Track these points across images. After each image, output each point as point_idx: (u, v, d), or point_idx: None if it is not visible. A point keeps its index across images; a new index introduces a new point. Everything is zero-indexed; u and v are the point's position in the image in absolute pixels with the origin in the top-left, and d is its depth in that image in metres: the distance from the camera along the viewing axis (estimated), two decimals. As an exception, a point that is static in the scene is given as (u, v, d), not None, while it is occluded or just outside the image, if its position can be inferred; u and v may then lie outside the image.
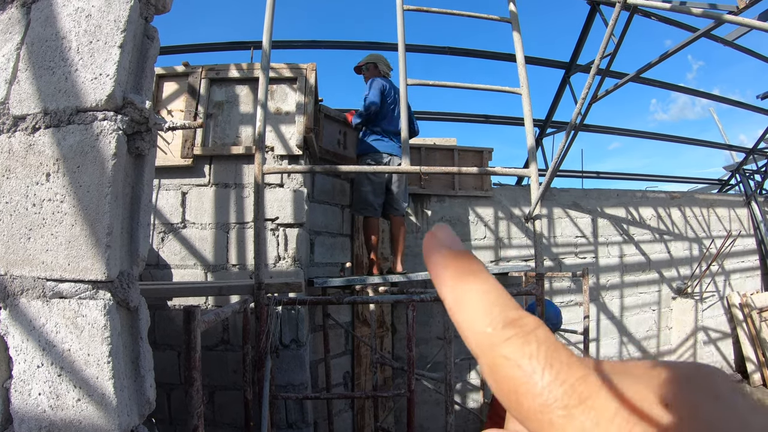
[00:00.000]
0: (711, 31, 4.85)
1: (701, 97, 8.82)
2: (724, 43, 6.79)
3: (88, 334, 1.39)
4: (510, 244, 6.72)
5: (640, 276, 7.72)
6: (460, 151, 6.44)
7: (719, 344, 8.61)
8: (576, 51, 6.85)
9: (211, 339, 3.85)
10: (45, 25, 1.54)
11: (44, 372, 1.41)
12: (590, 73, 2.94)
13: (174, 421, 3.91)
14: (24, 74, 1.53)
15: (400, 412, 5.83)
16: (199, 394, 1.92)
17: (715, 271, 8.57)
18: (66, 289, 1.42)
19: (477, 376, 6.38)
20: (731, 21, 2.65)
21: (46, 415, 1.40)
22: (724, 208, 9.09)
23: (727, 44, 6.82)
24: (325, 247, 4.92)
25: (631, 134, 8.87)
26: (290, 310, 3.90)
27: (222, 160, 4.09)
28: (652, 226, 7.96)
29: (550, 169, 3.35)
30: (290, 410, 3.90)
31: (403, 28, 3.44)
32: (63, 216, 1.43)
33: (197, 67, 4.18)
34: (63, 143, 1.46)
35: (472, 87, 3.74)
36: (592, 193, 7.50)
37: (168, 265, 4.01)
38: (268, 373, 3.05)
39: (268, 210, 3.98)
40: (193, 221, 4.05)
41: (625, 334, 7.46)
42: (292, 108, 4.15)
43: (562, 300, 6.92)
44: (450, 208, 6.42)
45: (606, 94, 5.20)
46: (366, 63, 5.07)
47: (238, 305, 2.81)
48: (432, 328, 6.14)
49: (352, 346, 5.20)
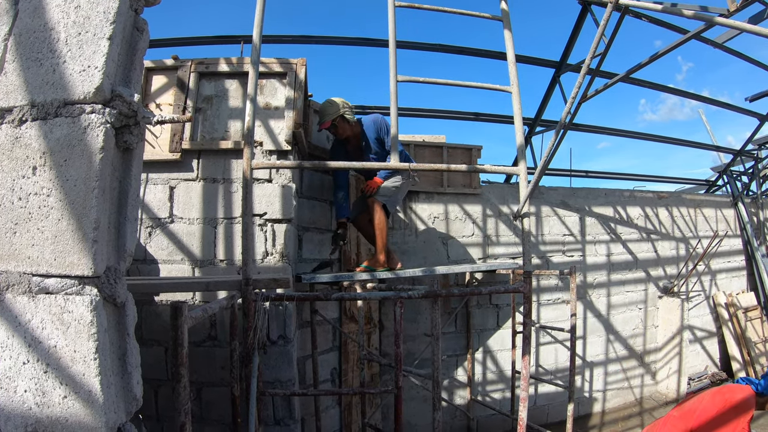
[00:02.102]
0: (701, 33, 4.89)
1: (690, 98, 8.90)
2: (714, 46, 6.85)
3: (74, 330, 1.38)
4: (498, 242, 6.74)
5: (627, 275, 7.78)
6: (450, 149, 6.44)
7: (705, 343, 8.72)
8: (566, 50, 6.87)
9: (198, 335, 3.83)
10: (33, 16, 1.52)
11: (30, 369, 1.39)
12: (581, 72, 2.94)
13: (161, 418, 3.88)
14: (11, 66, 1.51)
15: (387, 408, 5.84)
16: (187, 391, 1.91)
17: (702, 271, 8.66)
18: (52, 285, 1.41)
19: (464, 372, 6.41)
20: (722, 23, 2.67)
21: (32, 412, 1.38)
22: (711, 209, 9.19)
23: (717, 46, 6.88)
24: (313, 243, 4.90)
25: (620, 134, 8.92)
26: (278, 306, 3.88)
27: (210, 155, 4.06)
28: (639, 226, 8.02)
29: (539, 167, 3.36)
30: (277, 406, 3.89)
31: (394, 25, 3.43)
32: (49, 210, 1.41)
33: (186, 61, 4.14)
34: (50, 136, 1.44)
35: (462, 84, 3.74)
36: (581, 192, 7.54)
37: (155, 260, 3.98)
38: (255, 370, 3.04)
39: (257, 205, 3.96)
40: (180, 216, 4.02)
41: (612, 332, 7.51)
42: (282, 103, 4.12)
43: (549, 298, 6.97)
44: (438, 204, 6.42)
45: (596, 93, 5.23)
46: (332, 119, 4.47)
47: (225, 301, 2.80)
48: (419, 324, 6.15)
49: (340, 343, 5.19)
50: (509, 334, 6.49)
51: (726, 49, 7.06)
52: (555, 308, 7.00)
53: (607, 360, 7.44)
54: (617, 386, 7.56)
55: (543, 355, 6.93)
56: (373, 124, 4.62)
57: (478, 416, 6.44)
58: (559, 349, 6.93)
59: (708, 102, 9.09)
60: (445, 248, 6.41)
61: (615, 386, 7.54)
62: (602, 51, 5.64)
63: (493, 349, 6.60)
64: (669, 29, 6.30)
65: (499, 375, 6.62)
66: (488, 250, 6.66)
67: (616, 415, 7.27)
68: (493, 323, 6.60)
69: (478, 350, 6.52)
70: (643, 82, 7.70)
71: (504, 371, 6.60)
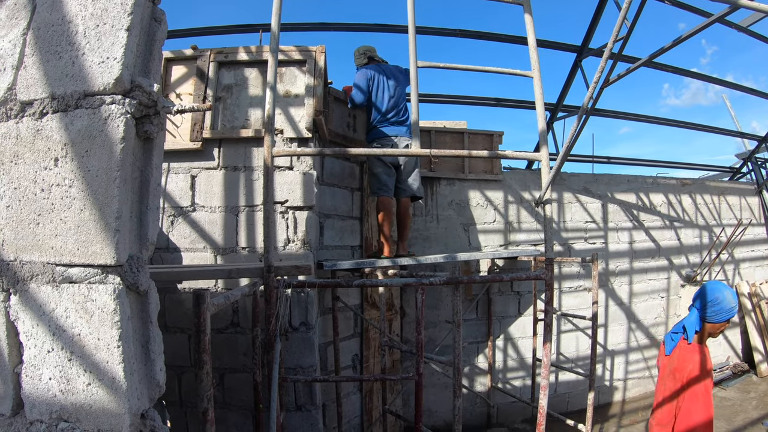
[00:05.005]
0: (725, 17, 4.75)
1: (714, 83, 8.69)
2: (739, 29, 6.67)
3: (98, 318, 1.40)
4: (519, 228, 6.69)
5: (649, 263, 7.67)
6: (471, 135, 6.39)
7: (727, 333, 8.56)
8: (588, 34, 6.75)
9: (221, 322, 3.88)
10: (51, 10, 1.53)
11: (55, 357, 1.42)
12: (603, 57, 2.89)
13: (184, 404, 3.95)
14: (31, 59, 1.52)
15: (408, 395, 5.87)
16: (209, 377, 1.94)
17: (725, 260, 8.50)
18: (75, 274, 1.43)
19: (485, 359, 6.40)
20: (747, 6, 2.59)
21: (56, 399, 1.41)
22: (735, 196, 8.99)
23: (742, 30, 6.70)
24: (334, 230, 4.92)
25: (642, 119, 8.76)
26: (300, 293, 3.91)
27: (231, 143, 4.08)
28: (662, 213, 7.88)
29: (561, 153, 3.32)
30: (299, 392, 3.93)
31: (413, 10, 3.40)
32: (71, 201, 1.43)
33: (206, 51, 4.15)
34: (71, 128, 1.45)
35: (482, 69, 3.69)
36: (603, 178, 7.43)
37: (177, 248, 4.03)
38: (277, 356, 3.06)
39: (278, 193, 3.98)
40: (202, 204, 4.05)
41: (633, 321, 7.43)
42: (302, 91, 4.12)
43: (570, 285, 6.91)
44: (460, 191, 6.38)
45: (618, 78, 5.12)
46: (356, 61, 5.22)
47: (247, 288, 2.82)
48: (441, 311, 6.16)
49: (361, 329, 5.22)
50: (530, 321, 6.47)
51: (751, 33, 6.88)
52: (576, 296, 6.94)
53: (628, 349, 7.37)
54: (638, 375, 7.48)
55: (564, 343, 6.89)
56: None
57: (499, 403, 6.44)
58: (581, 337, 6.88)
59: (732, 87, 8.84)
60: (467, 235, 6.38)
61: (636, 375, 7.46)
62: (624, 35, 5.52)
63: (514, 336, 6.58)
64: (692, 12, 6.15)
65: (519, 362, 6.60)
66: (510, 236, 6.62)
67: (636, 404, 7.20)
68: (514, 310, 6.58)
69: (499, 337, 6.51)
70: (666, 67, 7.53)
71: (525, 359, 6.59)
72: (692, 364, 2.64)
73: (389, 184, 4.83)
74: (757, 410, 6.71)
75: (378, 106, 4.79)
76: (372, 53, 5.14)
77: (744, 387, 7.70)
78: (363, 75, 4.83)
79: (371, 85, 4.80)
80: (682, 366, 2.68)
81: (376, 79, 4.83)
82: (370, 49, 5.16)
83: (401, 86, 4.96)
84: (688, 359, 2.67)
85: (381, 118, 4.80)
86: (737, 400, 7.17)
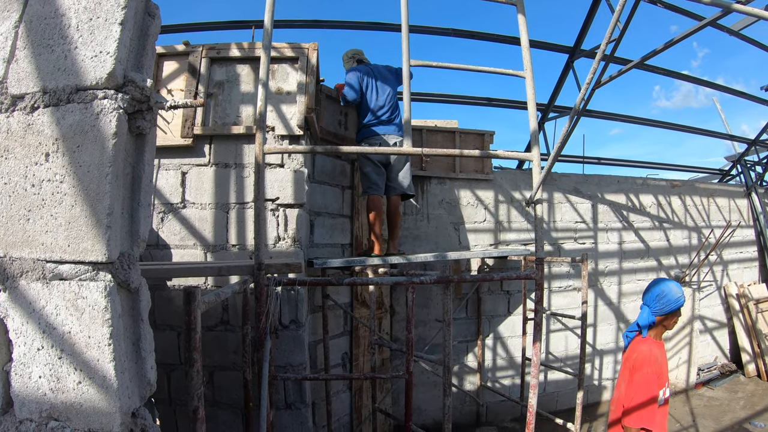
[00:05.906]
0: (717, 20, 4.79)
1: (705, 86, 8.75)
2: (730, 33, 6.73)
3: (88, 316, 1.38)
4: (509, 228, 6.71)
5: (638, 263, 7.73)
6: (462, 134, 6.40)
7: (715, 334, 8.66)
8: (580, 36, 6.78)
9: (211, 319, 3.86)
10: (44, 2, 1.51)
11: (44, 355, 1.40)
12: (595, 58, 2.89)
13: (174, 402, 3.93)
14: (22, 53, 1.50)
15: (398, 393, 5.88)
16: (200, 375, 1.92)
17: (714, 261, 8.58)
18: (66, 271, 1.41)
19: (474, 358, 6.42)
20: (739, 10, 2.60)
21: (46, 398, 1.40)
22: (724, 198, 9.07)
23: (733, 34, 6.76)
24: (325, 228, 4.91)
25: (633, 121, 8.81)
26: (290, 291, 3.90)
27: (222, 140, 4.06)
28: (651, 214, 7.95)
29: (552, 153, 3.32)
30: (289, 390, 3.92)
31: (407, 9, 3.39)
32: (63, 196, 1.41)
33: (198, 46, 4.13)
34: (62, 122, 1.43)
35: (475, 69, 3.69)
36: (593, 179, 7.47)
37: (168, 245, 4.01)
38: (267, 354, 3.05)
39: (269, 190, 3.97)
40: (193, 201, 4.03)
41: (623, 321, 7.48)
42: (294, 88, 4.11)
43: (560, 285, 6.94)
44: (450, 190, 6.40)
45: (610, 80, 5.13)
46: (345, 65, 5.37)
47: (238, 286, 2.81)
48: (431, 310, 6.17)
49: (351, 327, 5.22)
50: (520, 320, 6.49)
51: (742, 37, 6.95)
52: (566, 295, 6.98)
53: (617, 348, 7.42)
54: (627, 374, 7.51)
55: (553, 342, 6.93)
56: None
57: (488, 402, 6.47)
58: (570, 337, 6.92)
59: (723, 90, 8.93)
60: (457, 234, 6.40)
61: (625, 374, 7.49)
62: (617, 36, 5.54)
63: (503, 335, 6.60)
64: (684, 15, 6.19)
65: (509, 361, 6.63)
66: (500, 236, 6.64)
67: (625, 403, 7.24)
68: (503, 310, 6.60)
69: (489, 336, 6.53)
70: (658, 69, 7.59)
71: (514, 358, 6.62)
72: (638, 353, 2.79)
73: (379, 182, 4.85)
74: (745, 410, 6.79)
75: (368, 106, 4.83)
76: (360, 56, 5.24)
77: (732, 387, 7.79)
78: (354, 74, 4.89)
79: (362, 84, 4.82)
80: (630, 356, 2.85)
81: (366, 80, 4.88)
82: (358, 52, 5.26)
83: (391, 86, 5.02)
84: (636, 350, 2.83)
85: (371, 118, 4.84)
86: (725, 399, 7.25)
